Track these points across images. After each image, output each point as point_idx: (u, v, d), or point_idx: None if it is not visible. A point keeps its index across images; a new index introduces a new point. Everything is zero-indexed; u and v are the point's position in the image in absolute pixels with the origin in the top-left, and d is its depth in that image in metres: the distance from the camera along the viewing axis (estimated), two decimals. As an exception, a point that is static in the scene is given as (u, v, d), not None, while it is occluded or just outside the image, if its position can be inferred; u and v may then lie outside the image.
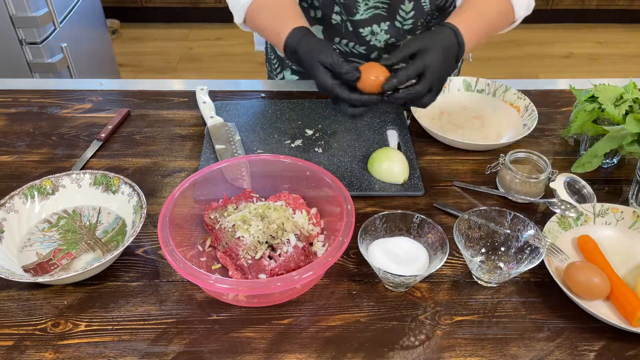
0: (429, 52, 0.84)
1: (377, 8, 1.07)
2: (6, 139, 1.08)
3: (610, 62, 3.33)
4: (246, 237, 0.80)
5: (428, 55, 0.84)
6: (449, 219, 0.90)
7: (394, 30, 1.09)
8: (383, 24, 1.08)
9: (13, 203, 0.86)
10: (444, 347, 0.72)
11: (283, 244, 0.80)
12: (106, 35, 2.60)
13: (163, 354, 0.71)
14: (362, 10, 1.07)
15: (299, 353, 0.71)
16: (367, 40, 1.10)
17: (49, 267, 0.81)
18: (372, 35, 1.09)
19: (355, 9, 1.07)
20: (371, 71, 0.84)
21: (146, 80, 1.26)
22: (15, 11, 1.89)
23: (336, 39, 1.12)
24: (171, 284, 0.80)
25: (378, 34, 1.09)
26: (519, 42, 3.48)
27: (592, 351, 0.72)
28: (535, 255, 0.77)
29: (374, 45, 1.11)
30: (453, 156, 1.04)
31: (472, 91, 1.19)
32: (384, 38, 1.10)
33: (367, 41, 1.11)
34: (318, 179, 0.87)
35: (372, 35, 1.09)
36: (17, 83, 1.25)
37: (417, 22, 1.09)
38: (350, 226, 0.76)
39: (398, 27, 1.09)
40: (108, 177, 0.90)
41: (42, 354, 0.71)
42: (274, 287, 0.69)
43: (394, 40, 1.11)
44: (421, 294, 0.79)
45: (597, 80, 1.10)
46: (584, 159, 0.97)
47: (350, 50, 1.13)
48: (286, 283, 0.69)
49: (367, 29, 1.08)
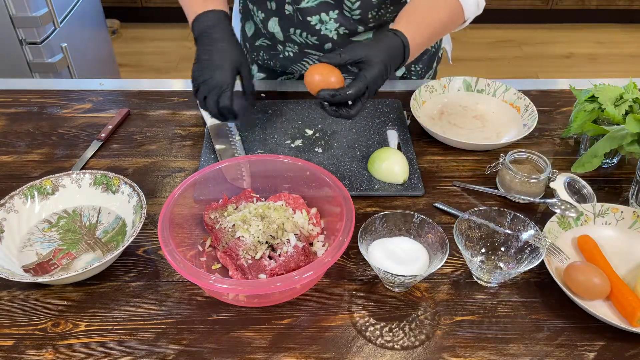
0: (373, 68, 0.84)
1: None
2: (6, 139, 1.08)
3: (610, 62, 3.33)
4: (246, 237, 0.80)
5: (371, 71, 0.84)
6: (449, 219, 0.90)
7: (343, 19, 1.07)
8: (332, 13, 1.06)
9: (13, 203, 0.86)
10: (444, 347, 0.72)
11: (283, 244, 0.80)
12: (106, 35, 2.60)
13: (163, 354, 0.71)
14: None
15: (299, 353, 0.71)
16: (318, 29, 1.08)
17: (49, 267, 0.81)
18: (322, 24, 1.07)
19: None
20: (318, 70, 0.84)
21: (146, 80, 1.26)
22: (15, 11, 1.89)
23: (291, 29, 1.11)
24: (171, 284, 0.80)
25: (327, 23, 1.07)
26: (519, 42, 3.48)
27: (592, 351, 0.72)
28: (535, 255, 0.77)
29: (325, 35, 1.09)
30: (453, 156, 1.04)
31: (472, 91, 1.19)
32: (334, 27, 1.08)
33: (317, 30, 1.09)
34: (318, 179, 0.87)
35: (321, 24, 1.08)
36: (17, 83, 1.25)
37: (366, 13, 1.06)
38: (350, 226, 0.76)
39: (347, 17, 1.07)
40: (108, 177, 0.90)
41: (42, 354, 0.71)
42: (274, 287, 0.69)
43: (346, 30, 1.09)
44: (421, 294, 0.79)
45: (597, 80, 1.10)
46: (584, 159, 0.97)
47: (305, 41, 1.12)
48: (286, 283, 0.69)
49: (315, 17, 1.07)
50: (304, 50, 1.15)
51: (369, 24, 1.09)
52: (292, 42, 1.14)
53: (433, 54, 1.27)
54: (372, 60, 0.84)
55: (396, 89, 1.22)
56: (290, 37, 1.12)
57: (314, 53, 1.15)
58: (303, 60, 1.18)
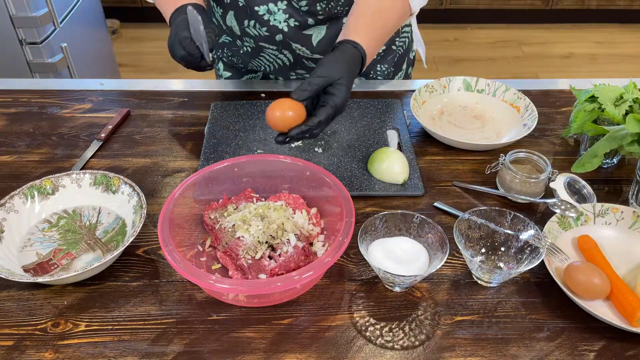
0: (339, 90, 0.82)
1: None
2: (6, 139, 1.08)
3: (610, 62, 3.33)
4: (246, 237, 0.80)
5: (338, 95, 0.82)
6: (449, 219, 0.90)
7: (292, 10, 1.06)
8: (280, 3, 1.05)
9: (13, 203, 0.86)
10: (444, 347, 0.72)
11: (283, 244, 0.80)
12: (106, 35, 2.60)
13: (163, 354, 0.71)
14: None
15: (299, 353, 0.71)
16: (267, 20, 1.08)
17: (49, 267, 0.81)
18: (270, 15, 1.07)
19: None
20: (280, 107, 0.81)
21: (146, 80, 1.26)
22: (15, 11, 1.89)
23: (245, 21, 1.11)
24: (171, 284, 0.80)
25: (276, 14, 1.06)
26: (519, 42, 3.48)
27: (592, 351, 0.72)
28: (535, 255, 0.77)
29: (275, 26, 1.08)
30: (453, 156, 1.04)
31: (472, 91, 1.19)
32: (283, 18, 1.07)
33: (266, 21, 1.08)
34: (318, 179, 0.87)
35: (269, 15, 1.07)
36: (17, 83, 1.25)
37: (314, 5, 1.05)
38: (350, 226, 0.76)
39: (296, 8, 1.06)
40: (108, 177, 0.90)
41: (42, 354, 0.71)
42: (274, 287, 0.69)
43: (296, 22, 1.08)
44: (421, 294, 0.79)
45: (597, 80, 1.10)
46: (584, 159, 0.97)
47: (258, 33, 1.12)
48: (286, 283, 0.69)
49: (262, 7, 1.06)
50: (259, 43, 1.14)
51: (318, 16, 1.08)
52: (248, 35, 1.14)
53: (402, 54, 1.25)
54: (338, 83, 0.82)
55: (396, 89, 1.22)
56: (245, 30, 1.12)
57: (268, 47, 1.15)
58: (260, 56, 1.18)
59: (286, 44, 1.12)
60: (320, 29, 1.10)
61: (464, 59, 3.31)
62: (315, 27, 1.10)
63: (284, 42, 1.12)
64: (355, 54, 0.87)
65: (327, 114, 0.81)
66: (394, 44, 1.21)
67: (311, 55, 1.15)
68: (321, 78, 0.82)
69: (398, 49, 1.23)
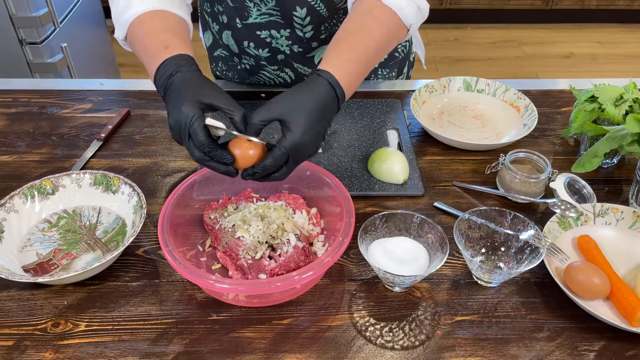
0: (292, 133, 0.71)
1: (272, 15, 1.03)
2: (6, 139, 1.08)
3: (610, 62, 3.33)
4: (246, 237, 0.80)
5: (290, 137, 0.71)
6: (449, 219, 0.90)
7: (295, 37, 1.05)
8: (283, 31, 1.04)
9: (13, 203, 0.86)
10: (444, 347, 0.72)
11: (283, 244, 0.80)
12: (106, 35, 2.60)
13: (163, 354, 0.71)
14: (255, 14, 1.04)
15: (299, 353, 0.71)
16: (269, 42, 1.06)
17: (49, 267, 0.81)
18: (272, 39, 1.05)
19: (247, 13, 1.04)
20: (236, 145, 0.74)
21: (146, 81, 1.26)
22: (15, 11, 1.89)
23: (244, 42, 1.10)
24: (171, 284, 0.80)
25: (279, 39, 1.06)
26: (519, 42, 3.48)
27: (592, 351, 0.72)
28: (535, 255, 0.77)
29: (277, 48, 1.06)
30: (453, 156, 1.04)
31: (472, 91, 1.19)
32: (286, 43, 1.06)
33: (268, 43, 1.06)
34: (318, 179, 0.87)
35: (272, 39, 1.05)
36: (17, 83, 1.25)
37: (318, 27, 1.04)
38: (350, 226, 0.76)
39: (300, 36, 1.04)
40: (108, 177, 0.90)
41: (42, 354, 0.71)
42: (274, 287, 0.69)
43: (300, 49, 1.07)
44: (421, 294, 0.79)
45: (597, 80, 1.10)
46: (584, 159, 0.97)
47: (258, 53, 1.10)
48: (286, 283, 0.69)
49: (264, 32, 1.05)
50: (259, 62, 1.13)
51: (320, 37, 1.07)
52: (247, 54, 1.13)
53: (403, 58, 1.24)
54: (290, 122, 0.71)
55: (396, 89, 1.22)
56: (245, 49, 1.12)
57: (269, 66, 1.14)
58: (260, 73, 1.17)
59: (288, 64, 1.12)
60: (322, 50, 1.10)
61: (464, 59, 3.31)
62: (318, 48, 1.10)
63: (286, 62, 1.11)
64: (317, 84, 0.75)
65: (275, 156, 0.72)
66: (397, 50, 1.21)
67: None
68: (269, 110, 0.72)
69: (400, 54, 1.23)
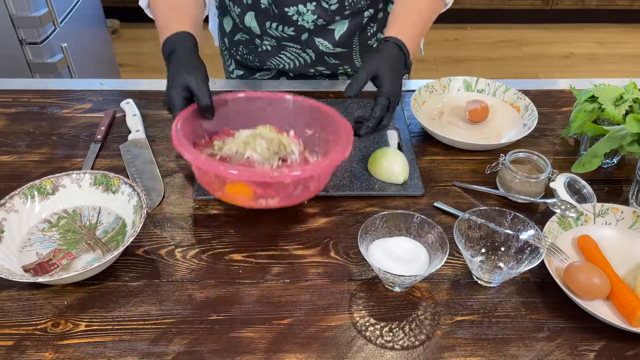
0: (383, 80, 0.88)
1: None
2: (6, 139, 1.08)
3: (610, 62, 3.33)
4: (255, 155, 0.83)
5: (384, 83, 0.88)
6: (449, 219, 0.90)
7: (320, 10, 1.08)
8: (309, 4, 1.07)
9: (13, 203, 0.86)
10: (444, 347, 0.72)
11: (289, 155, 0.85)
12: (106, 35, 2.60)
13: (163, 354, 0.71)
14: None
15: (299, 353, 0.71)
16: (295, 20, 1.09)
17: (49, 267, 0.81)
18: (299, 15, 1.08)
19: None
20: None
21: (146, 80, 1.26)
22: (15, 11, 1.89)
23: (267, 23, 1.12)
24: (171, 284, 0.80)
25: (305, 14, 1.08)
26: (519, 42, 3.48)
27: (592, 351, 0.72)
28: (535, 255, 0.77)
29: (302, 26, 1.10)
30: (453, 156, 1.04)
31: (472, 91, 1.19)
32: (311, 19, 1.09)
33: (294, 21, 1.10)
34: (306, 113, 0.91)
35: (298, 15, 1.08)
36: (17, 83, 1.25)
37: (344, 2, 1.08)
38: (350, 137, 0.82)
39: (325, 8, 1.08)
40: (108, 177, 0.90)
41: (42, 354, 0.71)
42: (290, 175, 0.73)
43: (323, 22, 1.10)
44: (421, 294, 0.79)
45: (597, 80, 1.10)
46: (584, 159, 0.97)
47: (281, 34, 1.13)
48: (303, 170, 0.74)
49: (292, 8, 1.08)
50: (281, 43, 1.15)
51: (344, 12, 1.10)
52: (269, 35, 1.14)
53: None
54: (381, 76, 0.88)
55: (396, 89, 1.22)
56: (267, 30, 1.13)
57: (292, 45, 1.15)
58: (281, 54, 1.18)
59: (310, 42, 1.13)
60: (343, 23, 1.12)
61: (464, 59, 3.31)
62: (339, 22, 1.12)
63: (308, 40, 1.13)
64: (392, 47, 0.92)
65: (381, 104, 0.87)
66: None
67: (333, 50, 1.15)
68: (364, 70, 0.87)
69: None
